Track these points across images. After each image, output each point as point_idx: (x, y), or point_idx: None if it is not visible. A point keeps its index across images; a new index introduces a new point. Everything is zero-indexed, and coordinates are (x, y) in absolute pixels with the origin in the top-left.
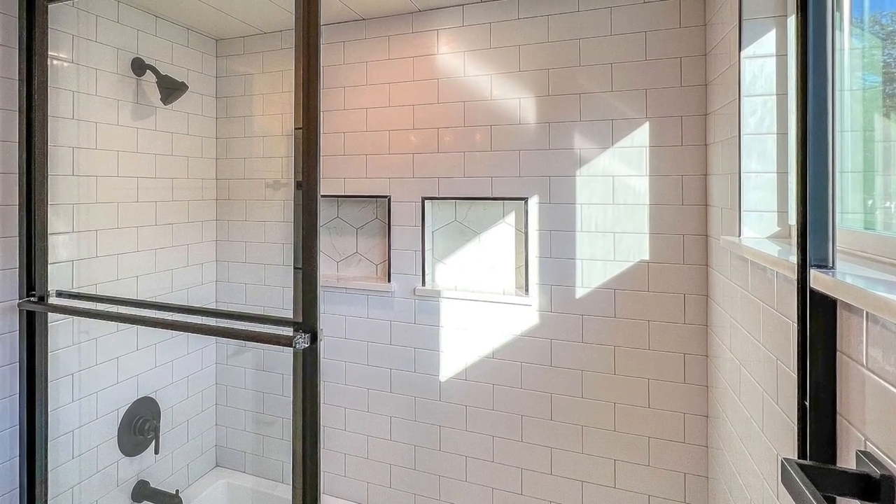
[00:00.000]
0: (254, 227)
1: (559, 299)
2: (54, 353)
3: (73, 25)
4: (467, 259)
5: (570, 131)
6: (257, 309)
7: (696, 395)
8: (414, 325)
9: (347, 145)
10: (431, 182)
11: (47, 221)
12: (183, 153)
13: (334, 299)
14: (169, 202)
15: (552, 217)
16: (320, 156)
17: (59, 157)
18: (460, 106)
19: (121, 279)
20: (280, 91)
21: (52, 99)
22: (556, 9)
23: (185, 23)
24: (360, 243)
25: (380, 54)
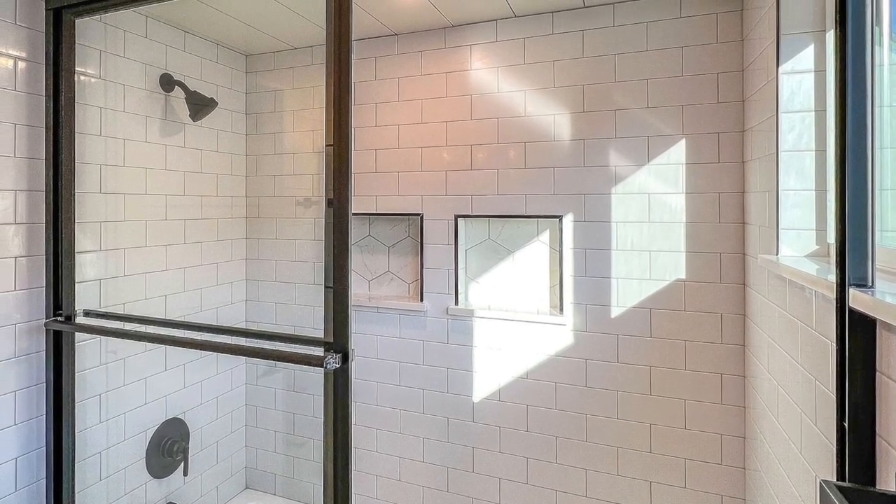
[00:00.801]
0: (284, 246)
1: (594, 319)
2: (81, 374)
3: (100, 41)
4: (501, 278)
5: (605, 148)
6: (288, 328)
7: (733, 416)
8: (446, 344)
9: (379, 162)
10: (464, 200)
11: (74, 240)
12: (212, 170)
13: (366, 319)
14: (198, 220)
15: (587, 235)
16: (352, 173)
17: (86, 175)
18: (494, 122)
19: (149, 298)
20: (311, 107)
21: (79, 115)
22: (591, 24)
23: (215, 38)
24: (392, 262)
25: (412, 70)
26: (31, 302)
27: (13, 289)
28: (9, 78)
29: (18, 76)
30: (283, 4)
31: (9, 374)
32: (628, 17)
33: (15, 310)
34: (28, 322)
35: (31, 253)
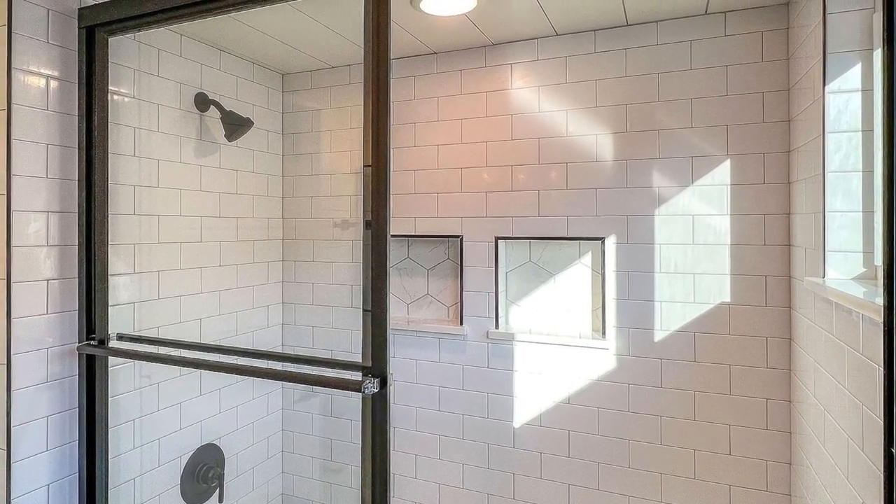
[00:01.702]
0: (321, 268)
1: (637, 343)
2: (115, 399)
3: (134, 59)
4: (542, 301)
5: (648, 169)
6: (325, 352)
7: (778, 442)
8: (487, 369)
9: (418, 183)
10: (505, 221)
11: (107, 262)
12: (248, 191)
13: (405, 343)
14: (233, 242)
15: (630, 258)
16: (390, 194)
17: (119, 196)
18: (535, 143)
19: (183, 322)
20: (348, 127)
21: (112, 135)
22: (633, 42)
23: (251, 57)
24: (432, 285)
25: (452, 89)
26: (63, 325)
27: (45, 312)
28: (41, 97)
29: (51, 95)
30: (321, 23)
31: (41, 399)
32: (672, 35)
33: (47, 333)
34: (60, 346)
35: (63, 275)
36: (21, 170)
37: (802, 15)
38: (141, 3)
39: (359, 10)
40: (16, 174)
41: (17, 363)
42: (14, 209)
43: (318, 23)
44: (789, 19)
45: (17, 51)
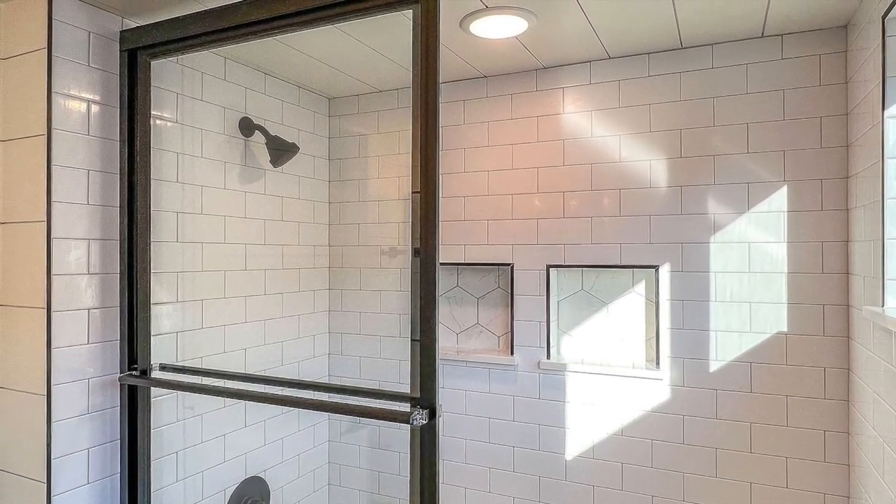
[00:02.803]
0: (369, 297)
1: (692, 373)
2: (157, 430)
3: (177, 83)
4: (594, 330)
5: (703, 195)
6: (372, 383)
7: (836, 475)
8: (538, 400)
9: (468, 210)
10: (557, 249)
11: (150, 291)
12: (294, 218)
13: (454, 373)
14: (279, 270)
15: (684, 286)
16: (439, 221)
17: (162, 223)
18: (587, 168)
19: (228, 352)
20: (396, 152)
21: (154, 161)
22: (688, 65)
23: (297, 80)
24: (482, 314)
25: (502, 114)
26: (105, 355)
27: (87, 342)
28: (82, 122)
29: (92, 120)
30: (368, 45)
31: (82, 431)
32: (727, 58)
33: (88, 364)
34: (102, 377)
35: (105, 304)
36: (61, 196)
37: (861, 38)
38: (184, 26)
39: (407, 32)
40: (56, 201)
41: (58, 394)
42: (54, 236)
43: (365, 46)
44: (847, 42)
45: (57, 74)
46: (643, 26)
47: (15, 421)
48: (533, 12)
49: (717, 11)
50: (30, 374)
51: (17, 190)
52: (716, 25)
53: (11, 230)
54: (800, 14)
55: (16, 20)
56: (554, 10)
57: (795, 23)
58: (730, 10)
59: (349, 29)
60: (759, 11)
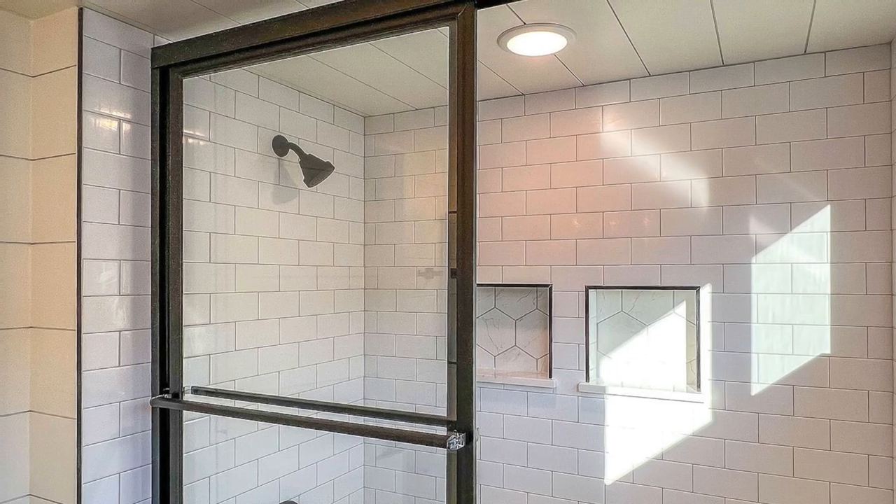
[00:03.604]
0: (405, 319)
1: (733, 396)
2: (189, 454)
3: (209, 101)
4: (634, 353)
5: (745, 215)
6: (408, 406)
7: (881, 500)
8: (577, 423)
9: (505, 230)
10: (596, 270)
11: (182, 312)
12: (328, 239)
13: (491, 396)
14: (313, 292)
15: (726, 308)
16: (476, 242)
17: (194, 243)
18: (627, 188)
19: (261, 374)
20: (433, 172)
21: (186, 180)
22: (729, 83)
23: (331, 98)
24: (519, 336)
25: (540, 132)
26: (136, 378)
27: (117, 364)
28: (112, 141)
29: (123, 139)
30: (405, 63)
31: (113, 455)
32: (769, 76)
33: (119, 387)
34: (133, 400)
35: (136, 326)
36: (92, 216)
37: None
38: (217, 43)
39: (444, 49)
40: (86, 221)
41: (88, 417)
42: (85, 257)
43: (401, 63)
44: (892, 59)
45: (87, 92)
46: (684, 43)
47: (45, 445)
48: (572, 29)
49: (760, 28)
50: (60, 398)
51: (48, 210)
52: (758, 42)
53: (42, 251)
54: (843, 31)
55: (46, 37)
56: (593, 27)
57: (839, 40)
58: (772, 26)
59: (385, 46)
60: (801, 28)
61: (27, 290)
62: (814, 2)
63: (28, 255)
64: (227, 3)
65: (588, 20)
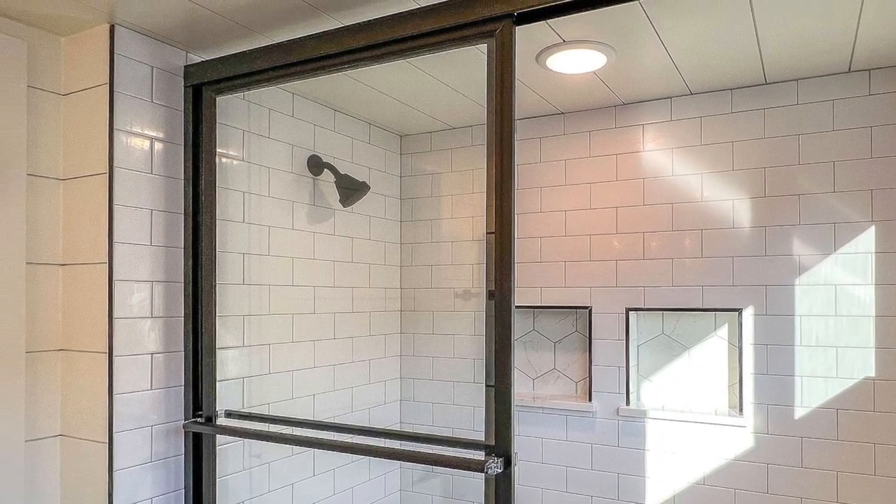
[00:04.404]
0: (442, 341)
1: (776, 420)
2: (223, 479)
3: (243, 120)
4: (675, 376)
5: (787, 236)
6: (445, 430)
7: None
8: (617, 448)
9: (544, 251)
10: (636, 291)
11: (215, 335)
12: (364, 260)
13: (530, 420)
14: (349, 314)
15: (768, 330)
16: (514, 263)
17: (228, 265)
18: (668, 208)
19: (296, 398)
20: (470, 192)
21: (220, 200)
22: (772, 102)
23: (367, 117)
24: (559, 358)
25: (580, 151)
26: (168, 402)
27: (150, 388)
28: (144, 160)
29: (155, 158)
30: (441, 81)
31: (145, 480)
32: (813, 94)
33: (151, 410)
34: (165, 423)
35: (168, 349)
36: (123, 237)
37: None
38: (251, 61)
39: (481, 67)
40: (118, 242)
41: (120, 441)
42: (116, 279)
43: (438, 81)
44: None
45: (119, 111)
46: (726, 61)
47: (76, 470)
48: (612, 46)
49: (803, 46)
50: (91, 422)
51: (79, 231)
52: (801, 60)
53: (72, 272)
54: (888, 48)
55: (77, 55)
56: (633, 44)
57: (883, 57)
58: (816, 44)
59: (421, 64)
60: (846, 46)
61: (58, 312)
62: (858, 19)
63: (59, 276)
64: (261, 20)
65: (628, 37)
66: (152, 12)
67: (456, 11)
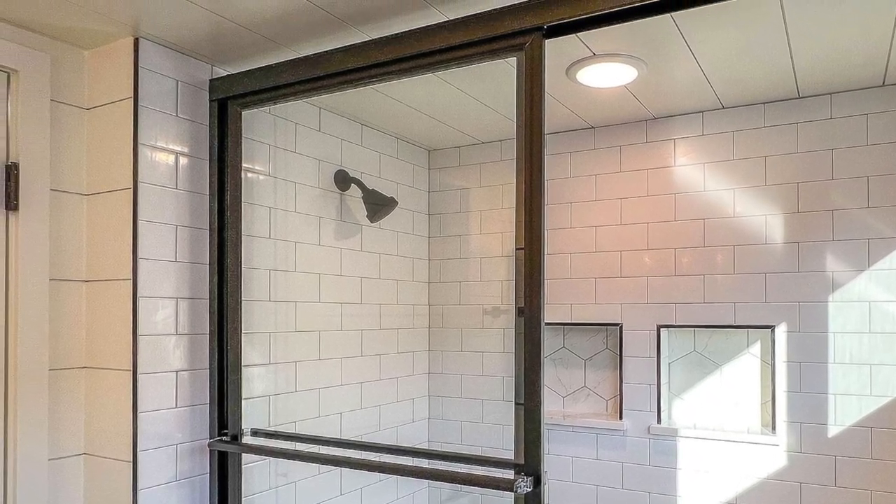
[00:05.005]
0: (470, 359)
1: (809, 438)
2: (249, 499)
3: (269, 134)
4: (707, 393)
5: (821, 252)
6: (474, 449)
7: None
8: (648, 466)
9: (574, 267)
10: (668, 308)
11: (241, 352)
12: (392, 276)
13: (559, 438)
14: (376, 331)
15: (802, 347)
16: (544, 279)
17: (253, 281)
18: (699, 224)
19: (322, 416)
20: (499, 207)
21: (245, 216)
22: (805, 116)
23: (395, 131)
24: (589, 376)
25: (610, 166)
26: (193, 420)
27: (174, 406)
28: (169, 175)
29: (179, 173)
30: (470, 95)
31: (170, 499)
32: (847, 108)
33: (176, 429)
34: (190, 442)
35: (193, 366)
36: (148, 253)
37: None
38: (277, 74)
39: (511, 80)
40: (142, 258)
41: (144, 460)
42: (140, 295)
43: (466, 95)
44: None
45: (143, 125)
46: (759, 74)
47: (100, 489)
48: (643, 60)
49: (837, 59)
50: (115, 440)
51: (102, 246)
52: (835, 74)
53: (96, 288)
54: None
55: (101, 68)
56: (665, 57)
57: None
58: (850, 58)
59: (449, 77)
60: (880, 59)
61: (81, 329)
62: (893, 32)
63: (82, 292)
64: (288, 33)
65: (660, 51)
66: (177, 25)
67: (485, 24)
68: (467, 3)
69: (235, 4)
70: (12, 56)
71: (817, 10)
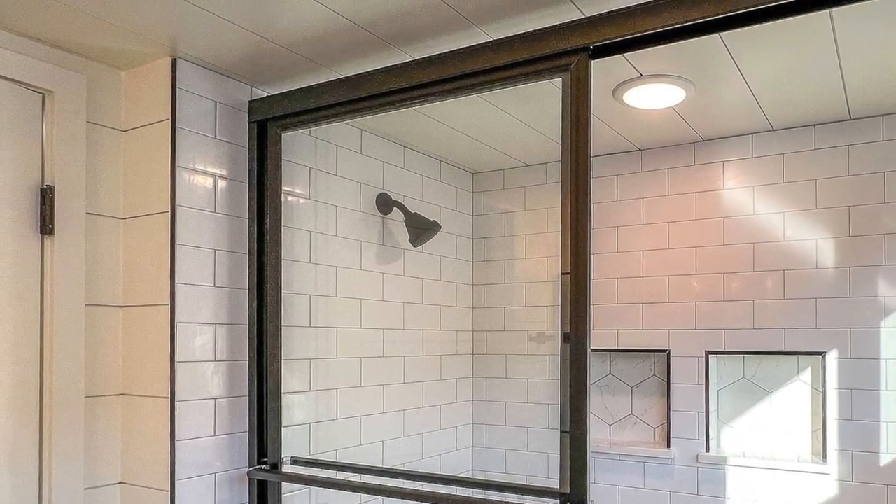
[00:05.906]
0: (515, 386)
1: (861, 467)
2: None
3: (309, 156)
4: (757, 421)
5: (873, 277)
6: (518, 478)
7: None
8: (696, 496)
9: (621, 292)
10: (716, 334)
11: (281, 379)
12: (435, 301)
13: (606, 467)
14: (419, 357)
15: (853, 374)
16: (590, 304)
17: (293, 306)
18: (749, 248)
19: (364, 444)
20: (545, 231)
21: (285, 240)
22: (857, 138)
23: (438, 154)
24: (636, 403)
25: (658, 189)
26: (232, 448)
27: (213, 434)
28: (208, 198)
29: (218, 196)
30: (515, 117)
31: None
32: None
33: (215, 457)
34: (230, 471)
35: (232, 394)
36: (186, 278)
37: None
38: (317, 95)
39: (556, 102)
40: (180, 283)
41: (182, 489)
42: (178, 321)
43: (511, 117)
44: None
45: (181, 147)
46: (809, 96)
47: None
48: (691, 81)
49: (889, 80)
50: (153, 468)
51: (140, 271)
52: (887, 95)
53: (133, 314)
54: None
55: (138, 89)
56: (713, 78)
57: None
58: None
59: (494, 99)
60: None
61: (118, 355)
62: None
63: (119, 318)
64: (328, 54)
65: (708, 72)
66: (215, 45)
67: (530, 45)
68: (512, 23)
69: (275, 24)
70: (48, 77)
71: (869, 29)
